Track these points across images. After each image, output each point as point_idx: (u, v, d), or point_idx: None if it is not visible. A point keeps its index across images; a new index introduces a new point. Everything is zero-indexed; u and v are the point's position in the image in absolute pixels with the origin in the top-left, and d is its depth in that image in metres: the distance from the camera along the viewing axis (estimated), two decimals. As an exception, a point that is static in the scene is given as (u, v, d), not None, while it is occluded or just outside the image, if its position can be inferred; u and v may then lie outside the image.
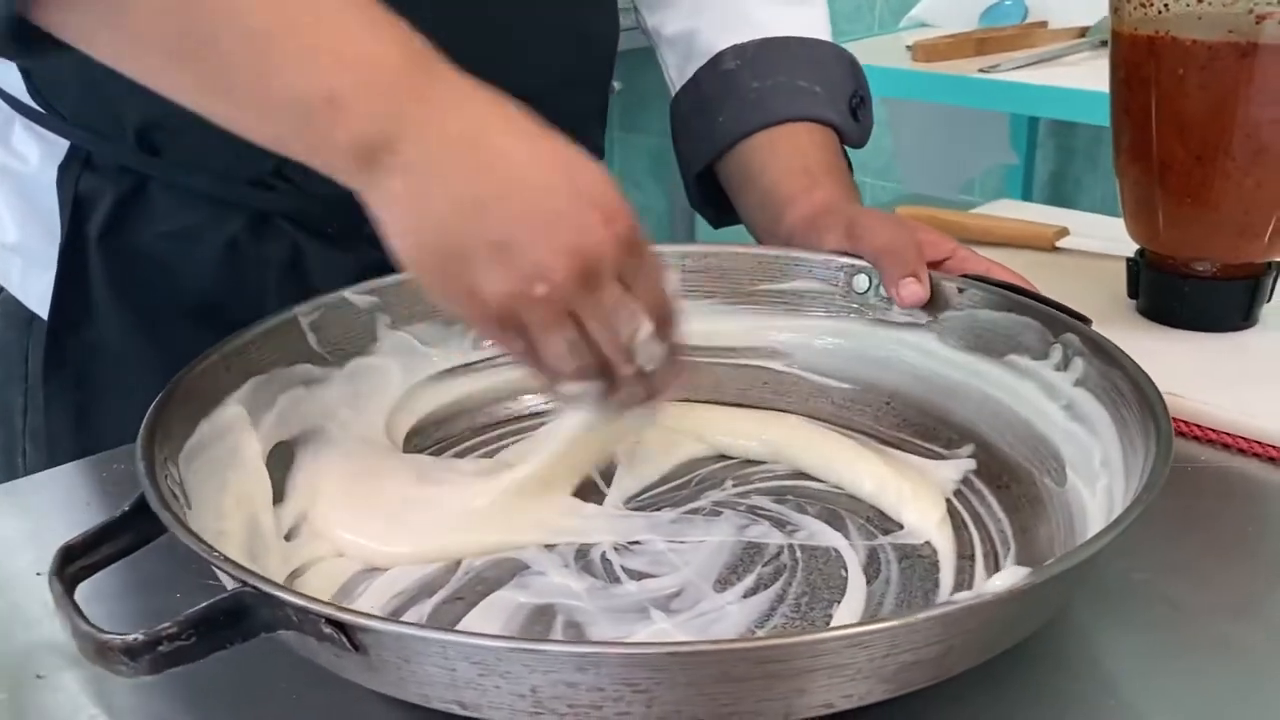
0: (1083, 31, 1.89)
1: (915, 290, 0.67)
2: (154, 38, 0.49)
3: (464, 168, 0.49)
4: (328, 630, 0.42)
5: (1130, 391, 0.56)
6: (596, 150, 0.88)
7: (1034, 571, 0.43)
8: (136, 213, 0.77)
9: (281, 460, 0.61)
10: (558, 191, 0.49)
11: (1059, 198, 2.44)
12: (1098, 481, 0.55)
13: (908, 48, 1.82)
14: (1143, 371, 0.57)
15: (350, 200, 0.50)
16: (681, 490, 0.63)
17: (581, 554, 0.57)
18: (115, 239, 0.77)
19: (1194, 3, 0.72)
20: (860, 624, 0.41)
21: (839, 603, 0.52)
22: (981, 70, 1.70)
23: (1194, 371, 0.57)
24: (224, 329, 0.61)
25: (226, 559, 0.44)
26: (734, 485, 0.63)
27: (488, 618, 0.52)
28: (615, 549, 0.57)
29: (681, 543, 0.57)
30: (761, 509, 0.61)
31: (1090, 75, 1.72)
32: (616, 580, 0.55)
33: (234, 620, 0.43)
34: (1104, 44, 1.82)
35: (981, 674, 0.45)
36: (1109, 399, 0.58)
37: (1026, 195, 2.38)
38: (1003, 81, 1.67)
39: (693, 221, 2.95)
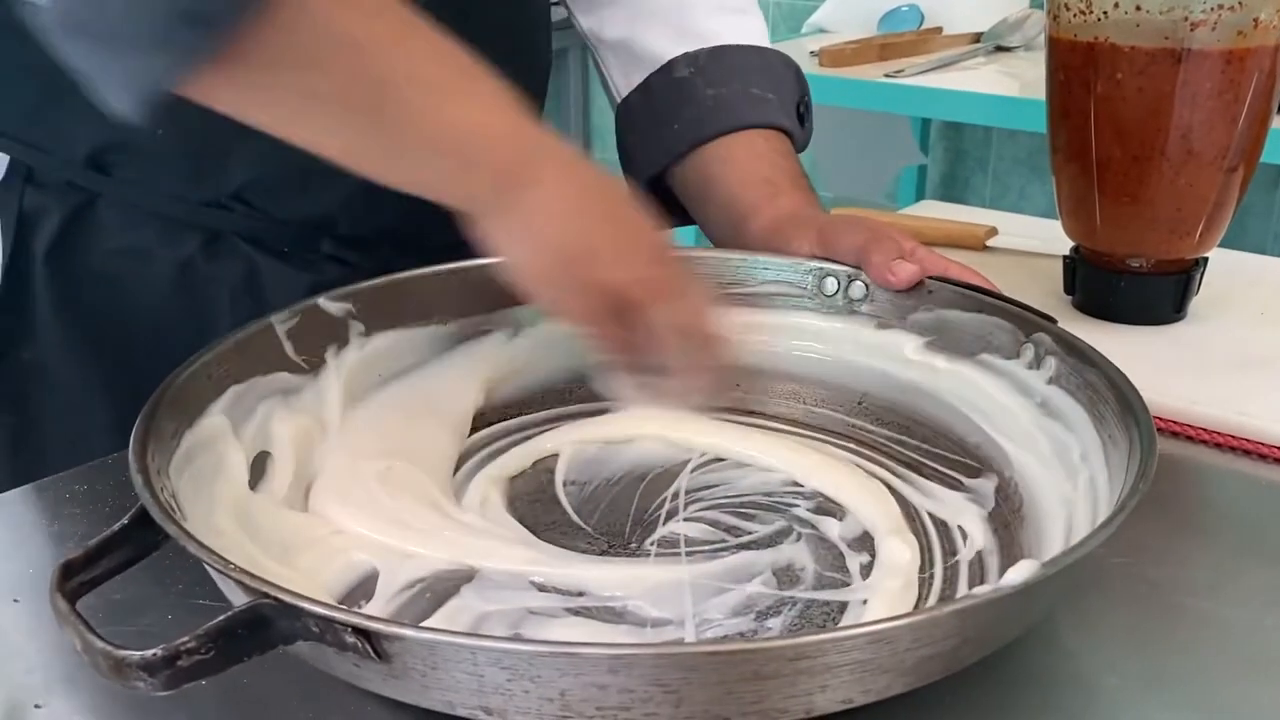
0: (976, 37, 1.95)
1: (907, 269, 0.68)
2: (310, 98, 0.53)
3: (587, 189, 0.59)
4: (351, 639, 0.41)
5: (1106, 388, 0.58)
6: None
7: (1047, 563, 0.45)
8: (85, 230, 0.75)
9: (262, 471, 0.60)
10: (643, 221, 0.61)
11: (950, 198, 2.51)
12: (1079, 475, 0.57)
13: (812, 53, 1.85)
14: (1116, 368, 0.59)
15: (308, 220, 0.52)
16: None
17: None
18: (62, 257, 0.74)
19: (1132, 10, 0.75)
20: (886, 619, 0.42)
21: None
22: (887, 75, 1.74)
23: (1133, 363, 0.59)
24: (173, 350, 0.59)
25: (243, 570, 0.43)
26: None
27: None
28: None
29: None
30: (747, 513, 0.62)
31: (987, 79, 1.78)
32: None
33: (253, 632, 0.42)
34: (999, 49, 1.90)
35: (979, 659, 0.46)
36: (1084, 396, 0.59)
37: (920, 196, 2.44)
38: (908, 86, 1.71)
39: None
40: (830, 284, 0.71)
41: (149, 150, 0.51)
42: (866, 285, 0.70)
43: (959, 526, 0.60)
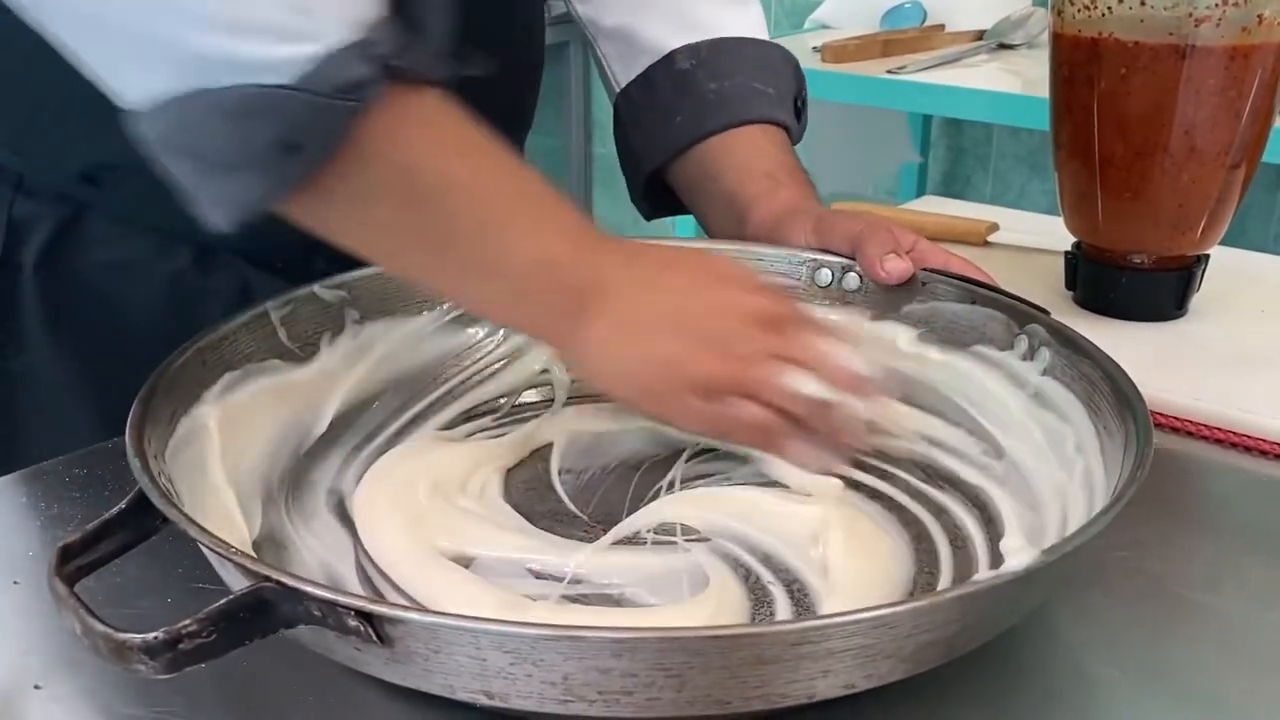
0: (979, 35, 1.95)
1: (899, 264, 0.68)
2: (392, 227, 0.55)
3: (655, 298, 0.58)
4: (354, 623, 0.41)
5: (1101, 379, 0.58)
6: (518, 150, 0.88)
7: (1048, 550, 0.45)
8: (76, 241, 0.74)
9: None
10: (720, 288, 0.60)
11: (951, 195, 2.49)
12: (1074, 465, 0.57)
13: (815, 49, 1.85)
14: (1111, 359, 0.59)
15: (301, 235, 0.52)
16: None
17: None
18: (52, 268, 0.74)
19: (1136, 5, 0.75)
20: (888, 605, 0.42)
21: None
22: (889, 71, 1.74)
23: (1135, 359, 0.59)
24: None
25: (244, 554, 0.43)
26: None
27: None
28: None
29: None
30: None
31: (989, 76, 1.77)
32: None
33: (255, 615, 0.42)
34: (1001, 47, 1.90)
35: (979, 649, 0.46)
36: (1079, 387, 0.59)
37: (921, 193, 2.44)
38: (910, 82, 1.71)
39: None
40: (824, 275, 0.71)
41: (144, 168, 0.51)
42: (861, 277, 0.70)
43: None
